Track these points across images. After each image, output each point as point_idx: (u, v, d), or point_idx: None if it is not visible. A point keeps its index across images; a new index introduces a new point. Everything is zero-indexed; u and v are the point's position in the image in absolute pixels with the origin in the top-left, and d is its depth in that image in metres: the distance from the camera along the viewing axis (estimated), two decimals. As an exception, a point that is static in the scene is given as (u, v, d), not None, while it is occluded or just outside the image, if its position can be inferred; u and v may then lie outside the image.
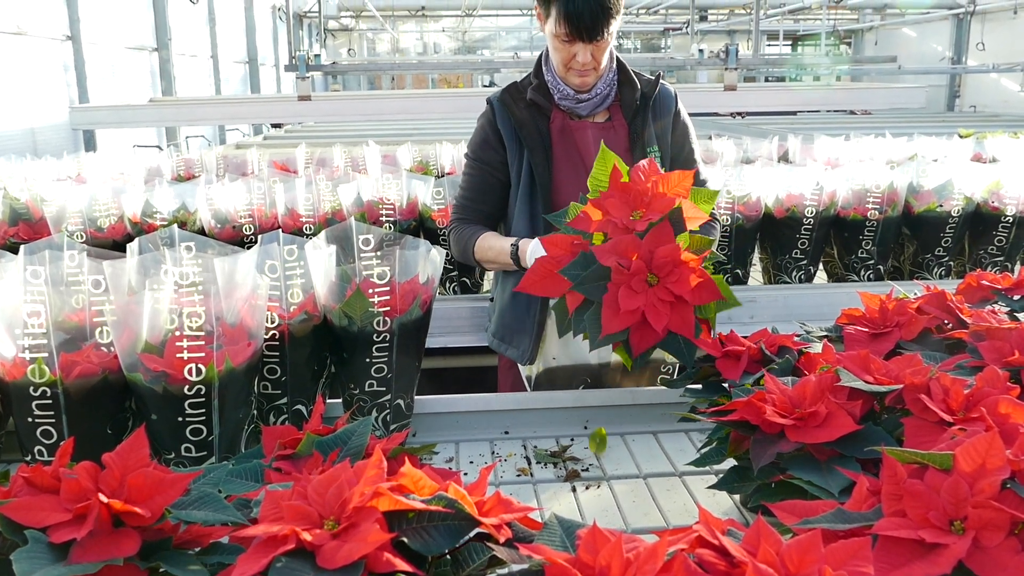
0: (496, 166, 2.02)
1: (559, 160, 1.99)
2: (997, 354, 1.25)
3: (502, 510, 0.86)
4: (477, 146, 2.05)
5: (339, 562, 0.73)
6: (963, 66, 10.22)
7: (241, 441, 1.41)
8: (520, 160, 1.99)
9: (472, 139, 2.07)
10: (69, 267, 1.38)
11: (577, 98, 1.95)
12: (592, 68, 1.90)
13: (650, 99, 2.00)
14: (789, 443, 1.08)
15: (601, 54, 1.89)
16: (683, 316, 1.43)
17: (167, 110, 6.36)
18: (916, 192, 2.72)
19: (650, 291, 1.41)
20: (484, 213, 2.06)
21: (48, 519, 0.84)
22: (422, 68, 11.77)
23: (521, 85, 2.03)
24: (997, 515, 0.75)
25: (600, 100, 1.98)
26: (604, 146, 1.57)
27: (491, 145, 2.02)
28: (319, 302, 1.53)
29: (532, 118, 1.98)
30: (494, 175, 2.03)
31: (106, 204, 2.62)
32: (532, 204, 1.99)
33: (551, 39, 1.90)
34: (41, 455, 1.31)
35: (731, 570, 0.73)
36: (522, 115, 1.98)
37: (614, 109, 2.01)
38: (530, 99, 1.98)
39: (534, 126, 1.97)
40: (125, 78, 9.17)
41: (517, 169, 2.00)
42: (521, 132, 1.97)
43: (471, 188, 2.07)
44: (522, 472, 1.54)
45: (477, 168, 2.05)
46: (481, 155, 2.04)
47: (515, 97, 2.00)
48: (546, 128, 1.99)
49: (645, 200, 1.47)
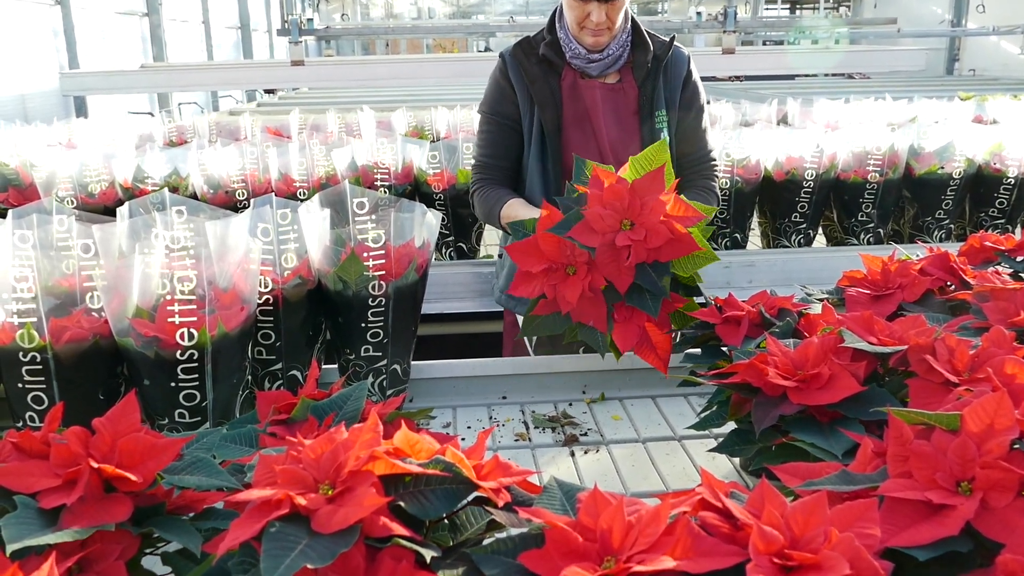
0: (513, 118, 2.00)
1: (568, 118, 1.97)
2: (1002, 315, 1.23)
3: (500, 474, 0.84)
4: (493, 100, 2.02)
5: (334, 526, 0.71)
6: (963, 28, 10.11)
7: (235, 407, 1.40)
8: (532, 116, 1.97)
9: (486, 95, 2.04)
10: (58, 231, 1.35)
11: (589, 57, 1.92)
12: (606, 28, 1.87)
13: (662, 62, 1.96)
14: (791, 405, 1.06)
15: (616, 14, 1.85)
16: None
17: (159, 76, 6.29)
18: (917, 154, 2.69)
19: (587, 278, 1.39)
20: (506, 169, 2.02)
21: (37, 484, 0.83)
22: (416, 32, 11.64)
23: (534, 40, 2.00)
24: (1006, 476, 0.74)
25: (612, 61, 1.94)
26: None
27: (507, 98, 1.99)
28: (313, 266, 1.51)
29: (543, 74, 1.95)
30: (512, 128, 2.00)
31: (97, 170, 2.59)
32: (543, 160, 1.97)
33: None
34: (32, 421, 1.29)
35: (735, 533, 0.72)
36: (533, 71, 1.95)
37: (625, 71, 1.97)
38: (542, 55, 1.95)
39: (545, 82, 1.95)
40: (115, 44, 9.04)
41: (528, 124, 1.98)
42: (532, 88, 1.95)
43: (490, 144, 2.03)
44: (520, 437, 1.53)
45: (494, 123, 2.02)
46: (498, 109, 2.01)
47: (527, 52, 1.98)
48: (557, 85, 1.96)
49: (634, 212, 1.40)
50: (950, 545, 0.71)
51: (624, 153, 1.93)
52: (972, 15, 10.39)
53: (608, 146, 1.96)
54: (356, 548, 0.71)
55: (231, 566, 0.75)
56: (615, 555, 0.71)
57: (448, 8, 22.64)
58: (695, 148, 2.02)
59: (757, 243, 2.99)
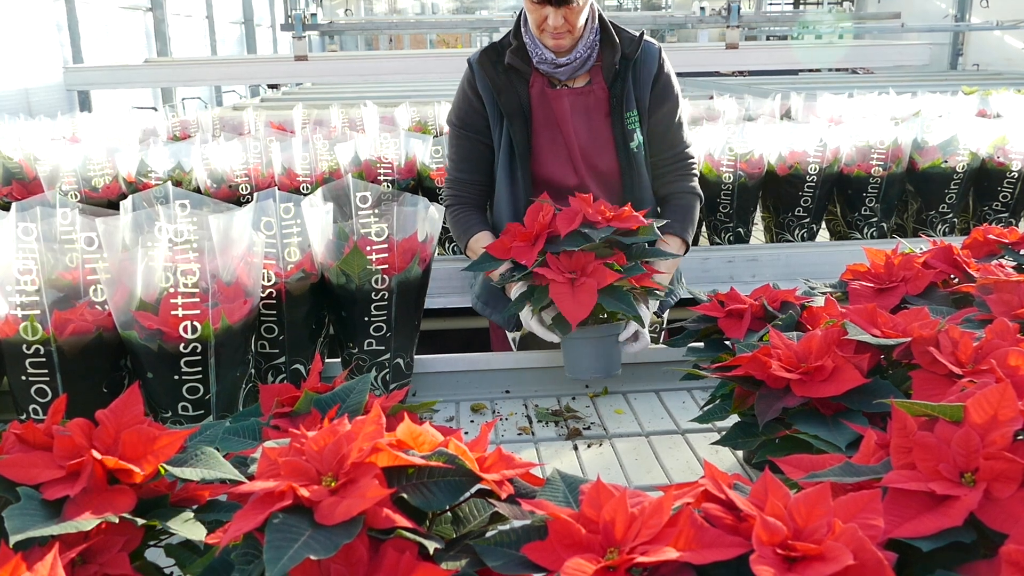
0: (483, 131, 1.92)
1: (539, 127, 1.89)
2: (1005, 307, 1.23)
3: (503, 466, 0.84)
4: (461, 112, 1.94)
5: (338, 518, 0.71)
6: (967, 23, 10.07)
7: (239, 400, 1.40)
8: (500, 126, 1.89)
9: (454, 104, 1.96)
10: (62, 225, 1.35)
11: (556, 63, 1.84)
12: (566, 31, 1.78)
13: (631, 60, 1.87)
14: (795, 398, 1.06)
15: (575, 17, 1.77)
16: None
17: (163, 70, 6.29)
18: (921, 148, 2.68)
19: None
20: (479, 183, 1.95)
21: (41, 476, 0.83)
22: (420, 28, 11.62)
23: (500, 46, 1.91)
24: (1009, 466, 0.73)
25: (580, 64, 1.86)
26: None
27: (475, 109, 1.91)
28: (316, 260, 1.51)
29: (511, 83, 1.87)
30: (483, 142, 1.93)
31: (100, 164, 2.59)
32: (512, 172, 1.90)
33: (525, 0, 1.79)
34: (36, 414, 1.30)
35: (738, 524, 0.72)
36: (500, 80, 1.87)
37: (595, 71, 1.89)
38: (508, 63, 1.87)
39: (513, 91, 1.87)
40: (119, 38, 9.04)
41: (498, 135, 1.90)
42: (500, 99, 1.87)
43: (461, 159, 1.95)
44: (523, 431, 1.53)
45: (464, 136, 1.94)
46: (466, 121, 1.93)
47: (493, 60, 1.89)
48: (526, 93, 1.88)
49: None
50: (954, 536, 0.71)
51: (596, 158, 1.89)
52: (976, 10, 10.36)
53: (579, 153, 1.89)
54: (359, 540, 0.71)
55: (234, 558, 0.75)
56: (618, 546, 0.71)
57: (452, 3, 22.59)
58: (669, 145, 1.93)
59: (760, 238, 2.99)
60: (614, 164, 1.90)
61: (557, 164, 1.90)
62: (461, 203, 1.95)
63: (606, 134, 1.89)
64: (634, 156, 1.88)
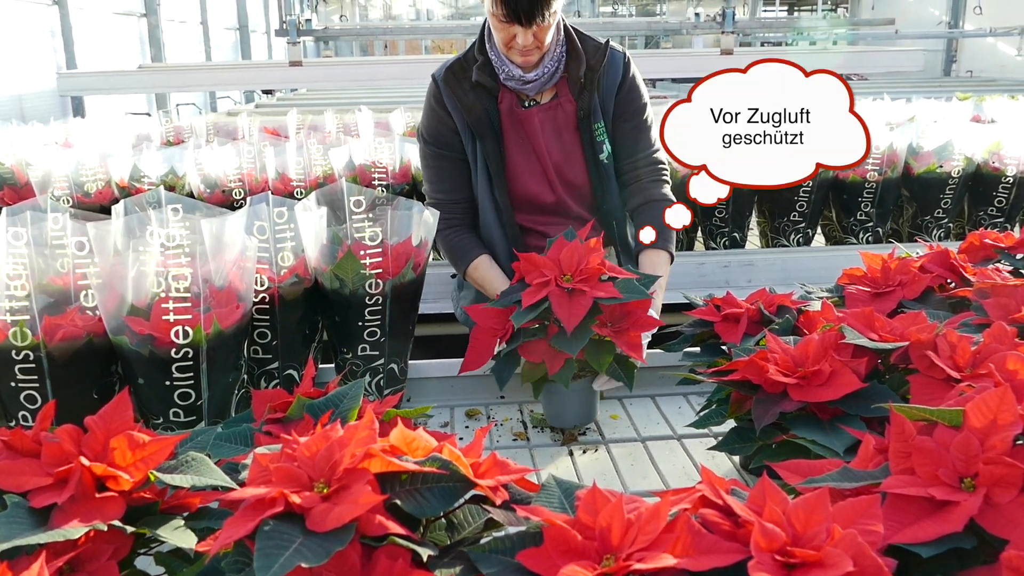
0: (457, 147, 1.88)
1: (511, 145, 1.87)
2: (1003, 311, 1.22)
3: (498, 472, 0.83)
4: (433, 130, 1.89)
5: (329, 525, 0.70)
6: (960, 30, 10.11)
7: (231, 406, 1.38)
8: (473, 144, 1.86)
9: (424, 120, 1.91)
10: (53, 230, 1.34)
11: (523, 79, 1.81)
12: (535, 48, 1.75)
13: (596, 72, 1.84)
14: (792, 402, 1.05)
15: (544, 34, 1.73)
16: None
17: (157, 76, 6.26)
18: (916, 153, 2.68)
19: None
20: (463, 202, 1.91)
21: (28, 483, 0.82)
22: (415, 34, 11.62)
23: (466, 61, 1.87)
24: (1009, 471, 0.73)
25: (547, 78, 1.83)
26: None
27: (447, 126, 1.87)
28: (310, 265, 1.50)
29: (479, 101, 1.83)
30: (459, 158, 1.89)
31: (93, 169, 2.57)
32: (491, 190, 1.87)
33: (490, 17, 1.75)
34: (25, 420, 1.28)
35: (736, 530, 0.71)
36: (468, 99, 1.83)
37: (561, 85, 1.86)
38: (475, 80, 1.83)
39: (482, 110, 1.83)
40: (113, 44, 9.02)
41: (472, 152, 1.87)
42: (469, 117, 1.83)
43: (440, 180, 1.91)
44: (518, 436, 1.52)
45: (439, 156, 1.90)
46: (440, 139, 1.89)
47: (460, 77, 1.85)
48: (495, 110, 1.85)
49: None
50: (954, 542, 0.70)
51: (569, 173, 1.88)
52: (969, 16, 10.39)
53: (552, 170, 1.87)
54: (351, 547, 0.70)
55: (225, 566, 0.74)
56: (614, 553, 0.70)
57: (446, 9, 22.64)
58: (637, 151, 1.90)
59: (756, 243, 2.98)
60: (585, 177, 1.89)
61: (533, 182, 1.89)
62: (450, 226, 1.91)
63: (575, 147, 1.87)
64: (604, 168, 1.87)
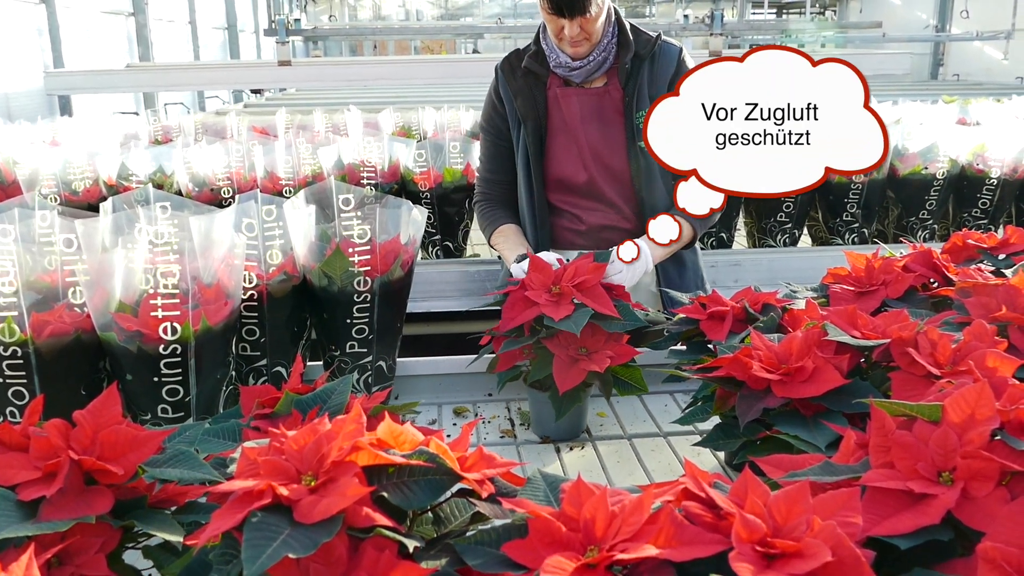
0: (504, 134, 2.03)
1: (554, 129, 1.97)
2: (984, 310, 1.24)
3: (484, 465, 0.84)
4: (487, 116, 2.06)
5: (317, 517, 0.71)
6: (947, 34, 10.18)
7: (219, 402, 1.39)
8: (519, 129, 1.99)
9: (484, 108, 2.08)
10: (41, 227, 1.34)
11: (570, 65, 1.91)
12: (584, 39, 1.85)
13: (644, 60, 1.93)
14: (776, 399, 1.07)
15: (591, 25, 1.83)
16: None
17: (144, 75, 6.24)
18: (901, 155, 2.70)
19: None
20: (505, 183, 2.07)
21: (17, 477, 0.82)
22: (404, 34, 11.63)
23: (522, 51, 2.01)
24: (986, 465, 0.74)
25: (595, 67, 1.92)
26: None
27: (498, 112, 2.03)
28: (298, 262, 1.50)
29: (528, 87, 1.96)
30: (506, 143, 2.04)
31: (81, 167, 2.57)
32: (528, 173, 1.98)
33: (541, 10, 1.87)
34: (13, 416, 1.28)
35: (718, 522, 0.72)
36: (518, 84, 1.97)
37: (611, 73, 1.96)
38: (525, 67, 1.96)
39: (529, 94, 1.96)
40: (101, 43, 8.99)
41: (516, 137, 2.00)
42: (516, 102, 1.96)
43: (488, 159, 2.09)
44: (505, 434, 1.53)
45: (490, 139, 2.06)
46: (491, 124, 2.05)
47: (514, 65, 1.99)
48: (542, 96, 1.96)
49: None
50: (931, 534, 0.71)
51: (608, 157, 1.95)
52: (956, 20, 10.47)
53: (589, 152, 1.95)
54: (339, 538, 0.71)
55: (212, 558, 0.74)
56: (598, 544, 0.71)
57: (436, 10, 22.62)
58: None
59: (743, 243, 3.00)
60: (624, 164, 1.96)
61: (568, 161, 1.98)
62: (487, 199, 2.09)
63: (618, 134, 1.95)
64: (644, 155, 1.91)
